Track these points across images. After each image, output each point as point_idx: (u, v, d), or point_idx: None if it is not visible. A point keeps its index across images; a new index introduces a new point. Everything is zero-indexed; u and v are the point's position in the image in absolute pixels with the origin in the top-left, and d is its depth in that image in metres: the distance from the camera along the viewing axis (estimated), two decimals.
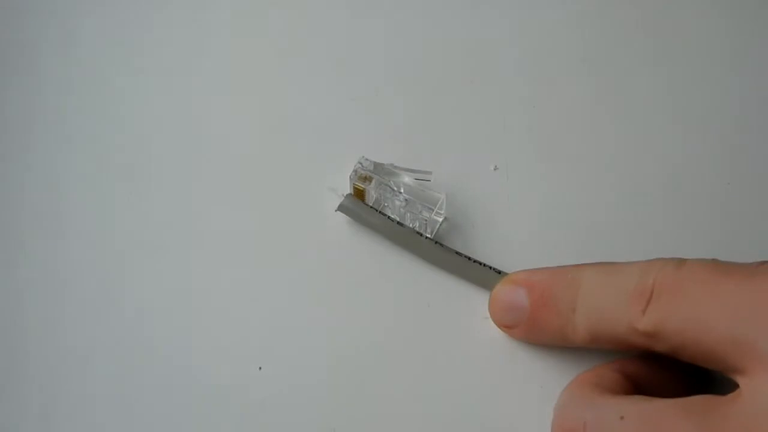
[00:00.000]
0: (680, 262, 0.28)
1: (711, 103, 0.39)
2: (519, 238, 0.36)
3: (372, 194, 0.36)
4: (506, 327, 0.33)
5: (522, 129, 0.39)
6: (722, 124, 0.39)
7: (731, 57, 0.41)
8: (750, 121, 0.39)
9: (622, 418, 0.27)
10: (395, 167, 0.36)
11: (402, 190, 0.36)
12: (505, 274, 0.34)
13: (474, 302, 0.34)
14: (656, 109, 0.39)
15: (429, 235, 0.35)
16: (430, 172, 0.36)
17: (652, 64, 0.41)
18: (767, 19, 0.42)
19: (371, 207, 0.36)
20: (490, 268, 0.34)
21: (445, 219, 0.36)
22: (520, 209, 0.37)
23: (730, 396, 0.27)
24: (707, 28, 0.42)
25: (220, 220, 0.37)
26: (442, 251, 0.35)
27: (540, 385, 0.32)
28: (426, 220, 0.35)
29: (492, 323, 0.33)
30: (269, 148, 0.39)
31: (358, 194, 0.36)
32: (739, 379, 0.27)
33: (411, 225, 0.35)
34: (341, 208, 0.36)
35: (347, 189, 0.36)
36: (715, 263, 0.28)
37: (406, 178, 0.36)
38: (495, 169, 0.38)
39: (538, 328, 0.32)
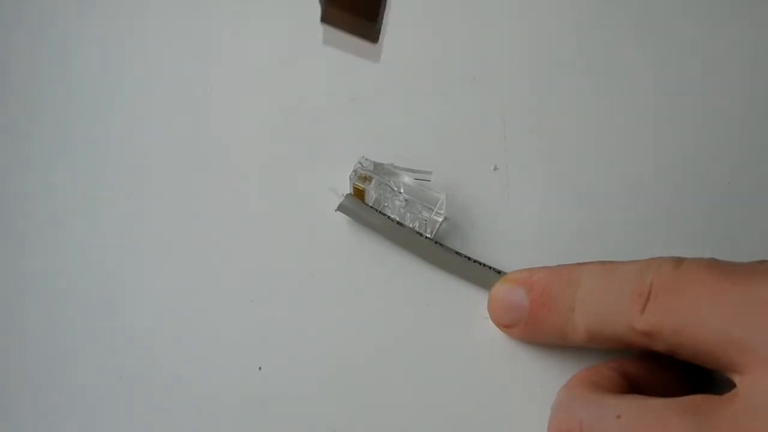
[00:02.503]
0: (678, 262, 0.29)
1: (711, 103, 0.39)
2: (519, 238, 0.36)
3: (372, 194, 0.36)
4: (505, 326, 0.33)
5: (522, 129, 0.39)
6: (722, 124, 0.39)
7: (731, 57, 0.41)
8: (750, 121, 0.39)
9: (618, 417, 0.27)
10: (395, 167, 0.36)
11: (402, 190, 0.36)
12: (505, 274, 0.34)
13: (474, 302, 0.34)
14: (656, 109, 0.39)
15: (429, 235, 0.35)
16: (430, 172, 0.36)
17: (652, 64, 0.41)
18: (767, 20, 0.42)
19: (371, 207, 0.36)
20: (490, 268, 0.34)
21: (445, 219, 0.36)
22: (520, 209, 0.37)
23: (727, 395, 0.27)
24: (707, 29, 0.42)
25: (220, 220, 0.37)
26: (442, 251, 0.35)
27: (540, 385, 0.32)
28: (426, 220, 0.35)
29: (492, 323, 0.33)
30: (269, 149, 0.39)
31: (358, 194, 0.36)
32: (737, 379, 0.27)
33: (411, 225, 0.35)
34: (341, 208, 0.36)
35: (347, 189, 0.36)
36: (712, 262, 0.28)
37: (406, 178, 0.36)
38: (495, 169, 0.38)
39: (537, 327, 0.32)
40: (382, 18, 0.28)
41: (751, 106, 0.39)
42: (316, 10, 0.25)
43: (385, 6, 0.28)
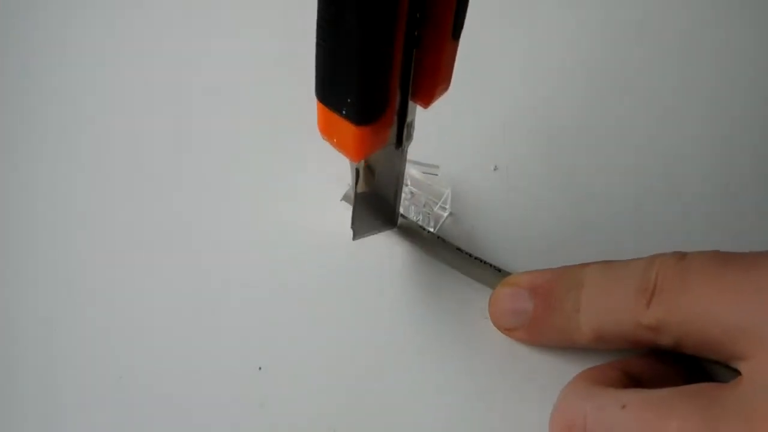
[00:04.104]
0: (681, 256, 0.29)
1: (711, 103, 0.39)
2: (519, 238, 0.36)
3: None
4: (508, 330, 0.33)
5: (522, 129, 0.39)
6: (722, 124, 0.39)
7: (731, 57, 0.41)
8: (750, 121, 0.39)
9: (623, 407, 0.27)
10: None
11: (408, 182, 0.35)
12: (506, 272, 0.34)
13: (475, 301, 0.34)
14: (656, 109, 0.39)
15: (432, 230, 0.35)
16: (437, 166, 0.36)
17: (652, 64, 0.41)
18: (767, 19, 0.42)
19: None
20: (491, 266, 0.34)
21: (451, 214, 0.36)
22: (520, 209, 0.37)
23: (732, 382, 0.27)
24: (707, 29, 0.42)
25: (221, 218, 0.37)
26: (443, 246, 0.35)
27: (540, 385, 0.32)
28: (429, 214, 0.35)
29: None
30: (274, 141, 0.39)
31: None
32: (742, 366, 0.27)
33: (415, 218, 0.35)
34: (346, 197, 0.36)
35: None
36: (716, 254, 0.28)
37: (413, 171, 0.36)
38: (495, 169, 0.38)
39: (541, 329, 0.32)
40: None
41: (751, 106, 0.39)
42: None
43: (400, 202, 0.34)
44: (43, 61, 0.42)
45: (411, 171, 0.35)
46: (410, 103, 0.28)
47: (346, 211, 0.36)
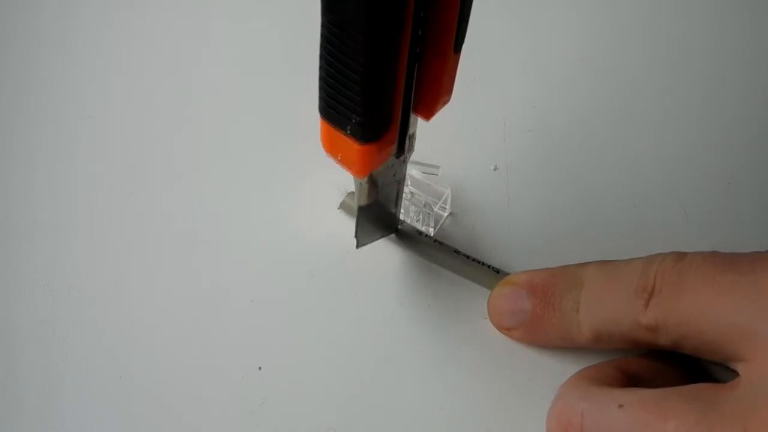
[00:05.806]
0: (681, 256, 0.29)
1: (711, 102, 0.39)
2: (518, 238, 0.36)
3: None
4: (507, 329, 0.33)
5: (522, 129, 0.39)
6: (722, 124, 0.39)
7: (731, 57, 0.41)
8: (750, 121, 0.39)
9: (621, 406, 0.27)
10: None
11: (408, 183, 0.35)
12: (504, 273, 0.34)
13: (474, 302, 0.34)
14: (656, 109, 0.39)
15: (431, 231, 0.35)
16: (437, 167, 0.36)
17: (652, 64, 0.41)
18: (766, 19, 0.42)
19: None
20: (489, 266, 0.34)
21: (451, 214, 0.36)
22: (520, 209, 0.37)
23: (731, 383, 0.27)
24: (707, 29, 0.42)
25: (221, 218, 0.37)
26: (441, 250, 0.35)
27: (540, 385, 0.32)
28: (429, 214, 0.35)
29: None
30: (271, 146, 0.39)
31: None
32: (740, 367, 0.27)
33: (415, 218, 0.35)
34: (343, 206, 0.36)
35: (350, 186, 0.36)
36: (714, 254, 0.28)
37: (414, 171, 0.36)
38: (495, 169, 0.38)
39: (540, 329, 0.32)
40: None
41: (751, 105, 0.39)
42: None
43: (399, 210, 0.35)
44: (43, 60, 0.42)
45: (411, 171, 0.35)
46: (412, 116, 0.28)
47: (345, 216, 0.36)
